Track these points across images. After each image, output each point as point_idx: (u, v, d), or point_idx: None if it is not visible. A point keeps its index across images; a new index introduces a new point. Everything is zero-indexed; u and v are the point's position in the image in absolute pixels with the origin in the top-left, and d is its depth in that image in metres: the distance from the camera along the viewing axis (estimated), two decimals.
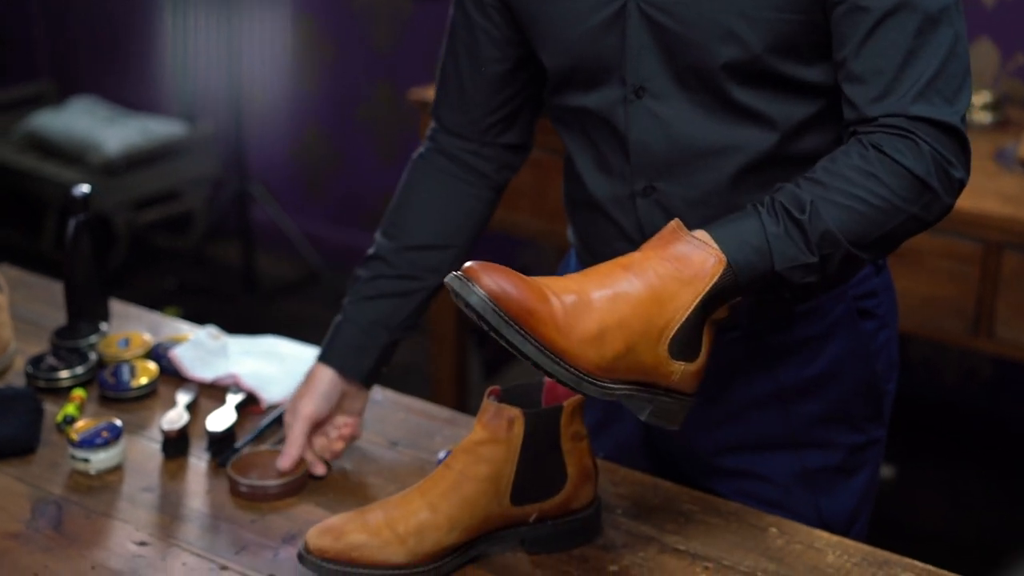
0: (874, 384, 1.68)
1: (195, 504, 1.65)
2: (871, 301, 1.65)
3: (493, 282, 1.32)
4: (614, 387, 1.37)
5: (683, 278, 1.37)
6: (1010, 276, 2.64)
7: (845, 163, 1.41)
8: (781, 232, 1.39)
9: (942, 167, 1.41)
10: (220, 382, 1.88)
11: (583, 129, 1.60)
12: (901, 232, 1.43)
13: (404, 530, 1.47)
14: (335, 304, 4.57)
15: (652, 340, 1.37)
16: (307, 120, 4.55)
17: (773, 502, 1.67)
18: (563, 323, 1.33)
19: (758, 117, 1.50)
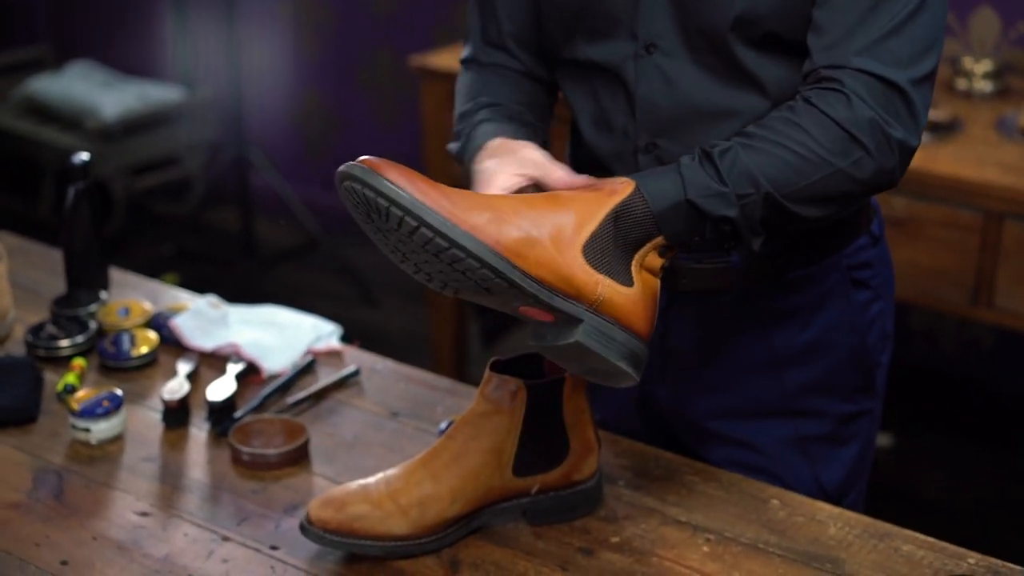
0: (865, 355, 1.68)
1: (196, 474, 1.65)
2: (865, 272, 1.65)
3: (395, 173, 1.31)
4: (524, 274, 1.33)
5: (591, 194, 1.38)
6: (1011, 246, 2.63)
7: (774, 117, 1.43)
8: (695, 164, 1.40)
9: (877, 124, 1.40)
10: (220, 351, 1.88)
11: (589, 85, 1.60)
12: (832, 188, 1.41)
13: (406, 502, 1.47)
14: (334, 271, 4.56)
15: (562, 241, 1.34)
16: (306, 86, 4.53)
17: (766, 470, 1.67)
18: (459, 205, 1.32)
19: (756, 83, 1.50)
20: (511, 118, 1.59)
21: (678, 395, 1.68)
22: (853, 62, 1.41)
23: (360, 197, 1.32)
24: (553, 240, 1.35)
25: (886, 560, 1.47)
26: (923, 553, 1.48)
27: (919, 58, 1.42)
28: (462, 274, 1.33)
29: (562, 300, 1.35)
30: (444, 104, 3.28)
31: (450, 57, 3.32)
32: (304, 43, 4.48)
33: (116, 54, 4.88)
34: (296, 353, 1.88)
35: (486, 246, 1.31)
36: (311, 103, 4.54)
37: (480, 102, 1.62)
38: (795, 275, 1.61)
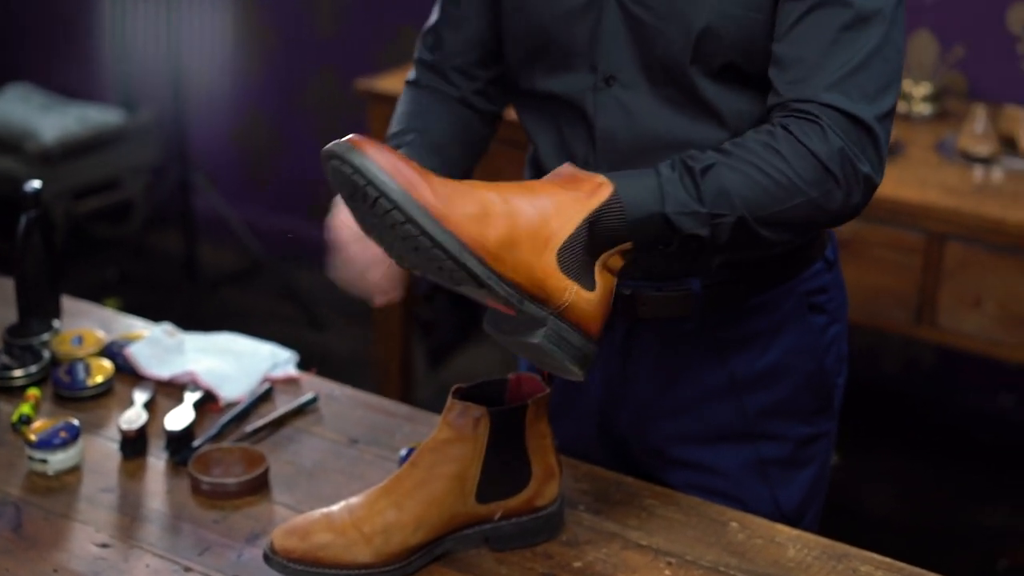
0: (823, 378, 1.71)
1: (155, 504, 1.64)
2: (821, 296, 1.68)
3: (376, 152, 1.31)
4: (499, 278, 1.35)
5: (569, 196, 1.38)
6: (953, 266, 2.68)
7: (752, 138, 1.45)
8: (675, 178, 1.41)
9: (848, 158, 1.43)
10: (177, 380, 1.87)
11: (550, 117, 1.62)
12: (800, 216, 1.44)
13: (370, 530, 1.48)
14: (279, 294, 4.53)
15: (539, 243, 1.36)
16: (249, 107, 4.52)
17: (726, 494, 1.69)
18: (444, 198, 1.33)
19: (714, 114, 1.53)
20: (432, 149, 1.61)
21: (639, 420, 1.70)
22: (822, 97, 1.43)
23: (345, 179, 1.32)
24: (531, 241, 1.36)
25: None
26: (880, 574, 1.51)
27: (883, 94, 1.44)
28: (438, 267, 1.35)
29: (530, 304, 1.37)
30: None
31: (396, 80, 3.33)
32: (247, 65, 4.47)
33: (55, 77, 4.84)
34: (253, 381, 1.87)
35: (467, 249, 1.33)
36: (255, 125, 4.53)
37: (411, 126, 1.65)
38: (754, 301, 1.64)
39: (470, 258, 1.33)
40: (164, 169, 4.53)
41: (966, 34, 3.22)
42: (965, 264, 2.66)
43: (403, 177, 1.31)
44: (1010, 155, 2.84)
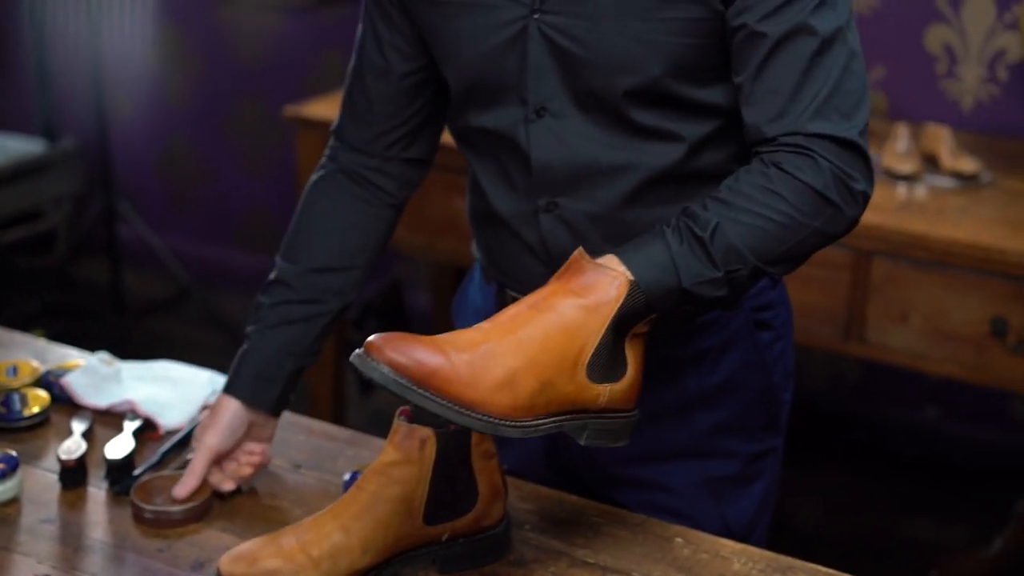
0: (771, 394, 1.73)
1: (97, 534, 1.63)
2: (768, 313, 1.70)
3: (394, 353, 1.35)
4: (537, 423, 1.40)
5: (589, 305, 1.40)
6: (879, 281, 2.72)
7: (747, 182, 1.45)
8: (685, 250, 1.43)
9: (842, 181, 1.45)
10: (115, 409, 1.86)
11: (488, 148, 1.62)
12: (807, 247, 1.47)
13: (318, 554, 1.47)
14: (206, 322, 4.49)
15: (568, 371, 1.40)
16: (174, 135, 4.49)
17: (677, 512, 1.70)
18: (468, 376, 1.36)
19: (659, 134, 1.54)
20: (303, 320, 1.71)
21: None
22: (807, 128, 1.45)
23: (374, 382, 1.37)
24: (560, 373, 1.39)
25: None
26: None
27: (858, 108, 1.47)
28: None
29: (568, 421, 1.42)
30: (318, 154, 3.28)
31: (325, 107, 3.32)
32: (172, 92, 4.44)
33: None
34: (193, 408, 1.86)
35: (501, 421, 1.38)
36: (180, 153, 4.50)
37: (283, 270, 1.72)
38: (703, 320, 1.65)
39: (505, 428, 1.38)
40: (88, 198, 4.49)
41: (885, 54, 3.28)
42: (891, 280, 2.70)
43: (423, 370, 1.35)
44: (932, 172, 2.89)
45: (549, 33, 1.52)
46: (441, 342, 1.38)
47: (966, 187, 2.84)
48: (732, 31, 1.47)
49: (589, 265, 1.42)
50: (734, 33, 1.47)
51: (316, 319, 1.72)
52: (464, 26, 1.56)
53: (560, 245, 1.59)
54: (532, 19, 1.52)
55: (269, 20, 4.17)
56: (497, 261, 1.70)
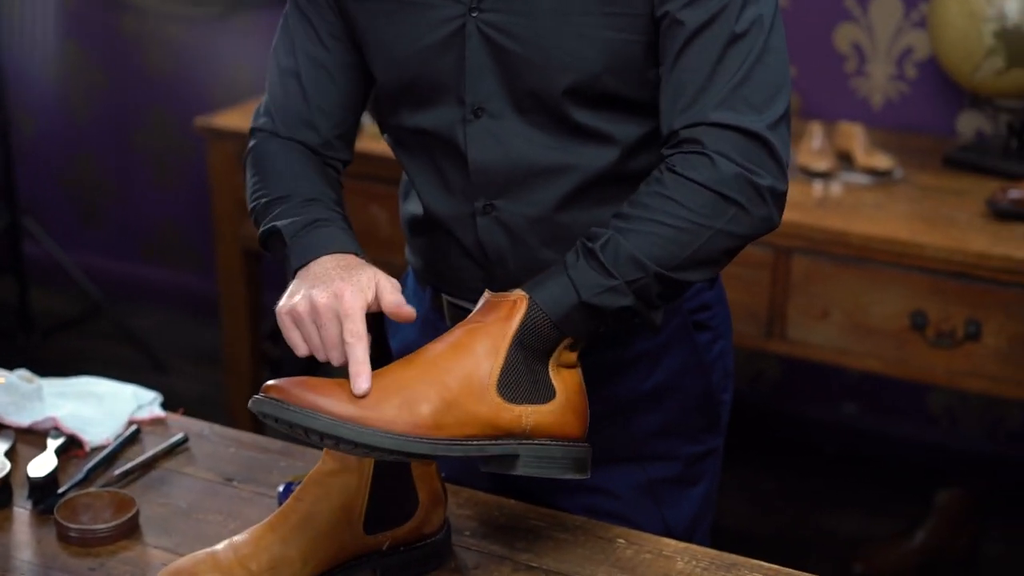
0: (710, 395, 1.72)
1: (25, 556, 1.58)
2: (705, 314, 1.69)
3: (284, 384, 1.34)
4: (451, 443, 1.36)
5: (488, 327, 1.39)
6: (799, 279, 2.74)
7: (644, 192, 1.45)
8: (581, 263, 1.42)
9: (744, 178, 1.42)
10: (37, 427, 1.81)
11: (423, 149, 1.60)
12: (714, 250, 1.44)
13: (257, 567, 1.44)
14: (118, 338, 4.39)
15: (476, 390, 1.37)
16: (80, 149, 4.41)
17: (618, 515, 1.69)
18: (364, 402, 1.34)
19: (597, 136, 1.52)
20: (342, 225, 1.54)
21: None
22: (711, 117, 1.43)
23: (275, 424, 1.36)
24: (467, 390, 1.37)
25: None
26: None
27: (771, 101, 1.44)
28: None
29: (492, 446, 1.39)
30: (232, 165, 3.25)
31: (236, 117, 3.28)
32: (77, 105, 4.36)
33: None
34: (118, 423, 1.82)
35: (405, 438, 1.34)
36: (85, 167, 4.41)
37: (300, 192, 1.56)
38: (637, 322, 1.64)
39: (411, 443, 1.34)
40: None
41: (797, 54, 3.30)
42: (811, 277, 2.72)
43: (325, 402, 1.33)
44: (847, 169, 2.91)
45: (487, 31, 1.50)
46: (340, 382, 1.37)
47: (881, 183, 2.87)
48: (658, 20, 1.46)
49: (493, 297, 1.42)
50: (659, 22, 1.46)
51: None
52: (399, 24, 1.53)
53: (497, 247, 1.58)
54: (470, 17, 1.50)
55: (174, 31, 4.11)
56: (433, 265, 1.67)
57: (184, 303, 4.35)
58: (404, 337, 1.75)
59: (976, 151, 2.99)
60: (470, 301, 1.61)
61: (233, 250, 3.35)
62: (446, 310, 1.67)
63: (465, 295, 1.63)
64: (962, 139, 3.17)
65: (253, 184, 1.60)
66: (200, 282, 4.28)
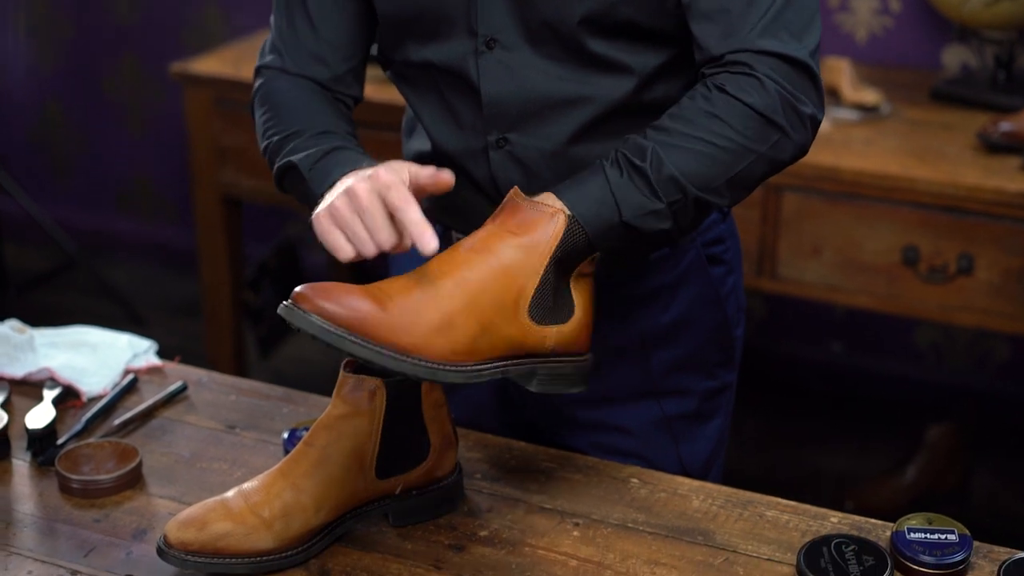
0: (725, 329, 1.70)
1: (27, 508, 1.54)
2: (719, 247, 1.67)
3: (323, 301, 1.28)
4: (480, 368, 1.34)
5: (527, 244, 1.35)
6: (790, 217, 2.72)
7: (689, 107, 1.41)
8: (625, 181, 1.37)
9: (789, 104, 1.40)
10: (32, 378, 1.77)
11: (431, 84, 1.56)
12: (753, 174, 1.42)
13: (269, 514, 1.41)
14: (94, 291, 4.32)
15: (509, 313, 1.34)
16: (48, 101, 4.33)
17: (634, 453, 1.67)
18: (403, 322, 1.30)
19: (612, 66, 1.48)
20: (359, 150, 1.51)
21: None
22: (756, 44, 1.40)
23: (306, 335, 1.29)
24: (501, 314, 1.34)
25: (754, 527, 1.49)
26: (787, 517, 1.51)
27: (808, 28, 1.42)
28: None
29: (513, 367, 1.36)
30: (209, 111, 3.19)
31: (213, 62, 3.22)
32: (43, 57, 4.28)
33: None
34: (114, 373, 1.78)
35: (442, 366, 1.31)
36: (55, 119, 4.34)
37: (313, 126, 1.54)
38: (655, 257, 1.61)
39: (446, 373, 1.31)
40: None
41: None
42: (802, 214, 2.69)
43: (354, 316, 1.28)
44: (835, 105, 2.88)
45: None
46: (373, 290, 1.32)
47: (869, 119, 2.84)
48: None
49: (525, 203, 1.37)
50: None
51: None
52: None
53: (510, 182, 1.54)
54: None
55: None
56: (440, 202, 1.63)
57: (159, 255, 4.30)
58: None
59: (963, 84, 2.97)
60: None
61: (211, 198, 3.29)
62: None
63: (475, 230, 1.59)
64: (948, 72, 3.15)
65: (264, 122, 1.57)
66: (175, 233, 4.23)
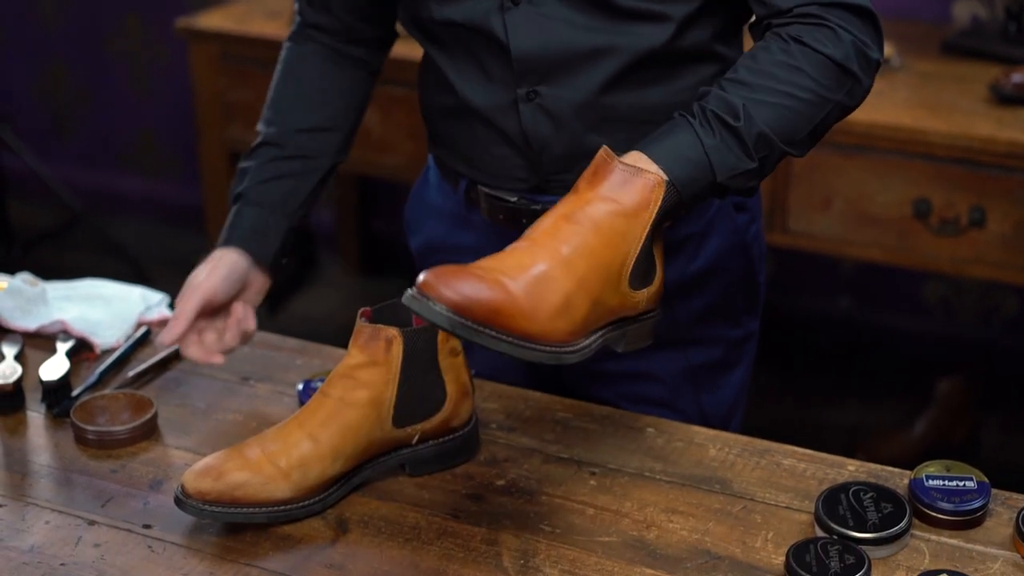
0: (751, 276, 1.70)
1: (43, 459, 1.54)
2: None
3: (452, 292, 1.25)
4: (589, 342, 1.33)
5: (628, 212, 1.33)
6: (801, 170, 2.70)
7: (768, 60, 1.39)
8: (718, 142, 1.36)
9: (861, 51, 1.40)
10: (45, 330, 1.76)
11: (457, 41, 1.54)
12: (829, 122, 1.42)
13: (287, 464, 1.41)
14: (99, 249, 4.32)
15: (613, 284, 1.33)
16: (52, 58, 4.31)
17: (659, 401, 1.67)
18: (528, 308, 1.27)
19: (643, 15, 1.47)
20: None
21: None
22: None
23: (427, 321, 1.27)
24: (608, 287, 1.32)
25: (771, 476, 1.49)
26: (804, 465, 1.51)
27: None
28: None
29: (611, 333, 1.36)
30: (216, 67, 3.18)
31: (219, 17, 3.21)
32: (46, 14, 4.25)
33: None
34: (127, 325, 1.78)
35: (563, 349, 1.30)
36: (59, 76, 4.32)
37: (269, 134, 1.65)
38: None
39: (567, 355, 1.30)
40: None
41: None
42: (814, 167, 2.68)
43: (485, 308, 1.25)
44: None
45: None
46: (491, 271, 1.28)
47: (880, 71, 2.80)
48: None
49: (619, 166, 1.33)
50: None
51: (308, 175, 1.66)
52: None
53: (541, 135, 1.53)
54: None
55: None
56: (467, 157, 1.61)
57: (164, 212, 4.29)
58: (430, 233, 1.72)
59: (974, 36, 2.95)
60: (509, 191, 1.57)
61: (218, 153, 3.28)
62: (483, 203, 1.61)
63: (504, 184, 1.58)
64: (958, 25, 3.13)
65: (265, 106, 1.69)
66: (179, 190, 4.22)
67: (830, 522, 1.36)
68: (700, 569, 1.34)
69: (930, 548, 1.36)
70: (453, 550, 1.37)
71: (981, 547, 1.36)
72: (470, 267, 1.28)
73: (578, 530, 1.40)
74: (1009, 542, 1.37)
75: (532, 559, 1.36)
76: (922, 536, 1.38)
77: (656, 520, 1.41)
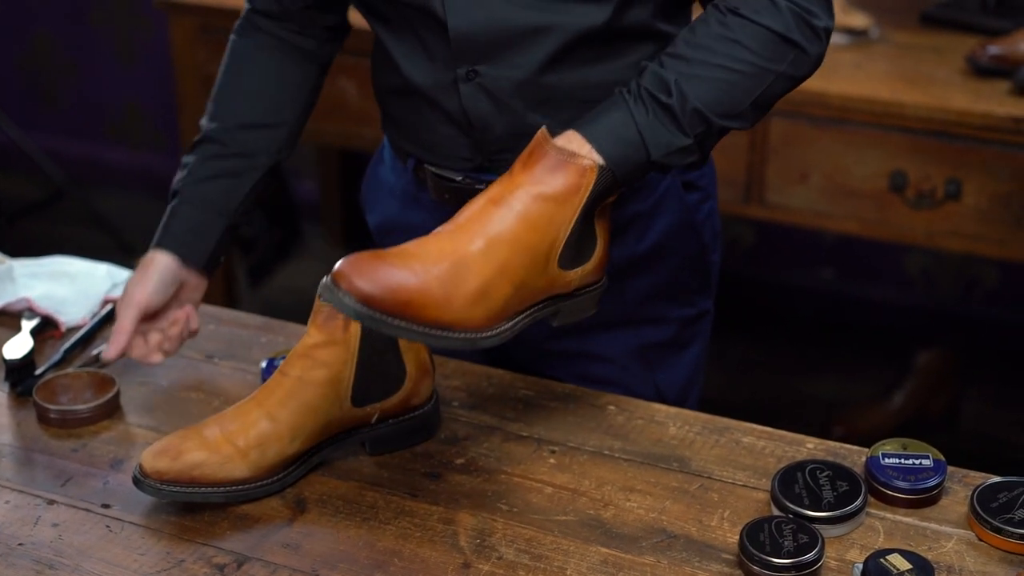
0: (702, 256, 1.69)
1: (5, 438, 1.55)
2: (694, 173, 1.65)
3: (364, 283, 1.26)
4: (511, 325, 1.34)
5: (557, 197, 1.33)
6: (777, 143, 2.70)
7: (705, 32, 1.39)
8: (651, 120, 1.35)
9: (803, 19, 1.39)
10: (10, 308, 1.76)
11: (399, 18, 1.53)
12: (773, 94, 1.41)
13: (244, 443, 1.41)
14: (83, 221, 4.31)
15: (540, 267, 1.33)
16: (35, 30, 4.29)
17: (611, 381, 1.67)
18: (441, 296, 1.28)
19: None
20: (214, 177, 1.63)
21: None
22: None
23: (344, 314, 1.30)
24: (533, 270, 1.33)
25: (730, 453, 1.49)
26: (763, 443, 1.51)
27: None
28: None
29: (539, 312, 1.37)
30: (195, 40, 3.16)
31: None
32: None
33: None
34: (93, 303, 1.78)
35: (478, 335, 1.31)
36: (42, 47, 4.31)
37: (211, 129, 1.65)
38: None
39: (483, 340, 1.31)
40: None
41: None
42: (790, 140, 2.67)
43: (396, 300, 1.26)
44: None
45: None
46: (410, 259, 1.29)
47: (857, 43, 2.81)
48: None
49: (553, 150, 1.34)
50: None
51: (247, 174, 1.65)
52: None
53: (482, 114, 1.52)
54: None
55: None
56: (414, 136, 1.61)
57: (148, 184, 4.28)
58: (384, 211, 1.72)
59: (953, 7, 2.93)
60: (455, 171, 1.57)
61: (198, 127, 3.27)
62: (429, 181, 1.61)
63: (449, 163, 1.58)
64: None
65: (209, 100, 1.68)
66: (164, 162, 4.20)
67: (785, 501, 1.37)
68: (656, 548, 1.35)
69: (885, 526, 1.37)
70: (410, 529, 1.38)
71: (936, 525, 1.37)
72: (389, 253, 1.29)
73: (535, 509, 1.40)
74: (964, 520, 1.37)
75: (488, 538, 1.36)
76: (877, 515, 1.38)
77: (613, 499, 1.42)
